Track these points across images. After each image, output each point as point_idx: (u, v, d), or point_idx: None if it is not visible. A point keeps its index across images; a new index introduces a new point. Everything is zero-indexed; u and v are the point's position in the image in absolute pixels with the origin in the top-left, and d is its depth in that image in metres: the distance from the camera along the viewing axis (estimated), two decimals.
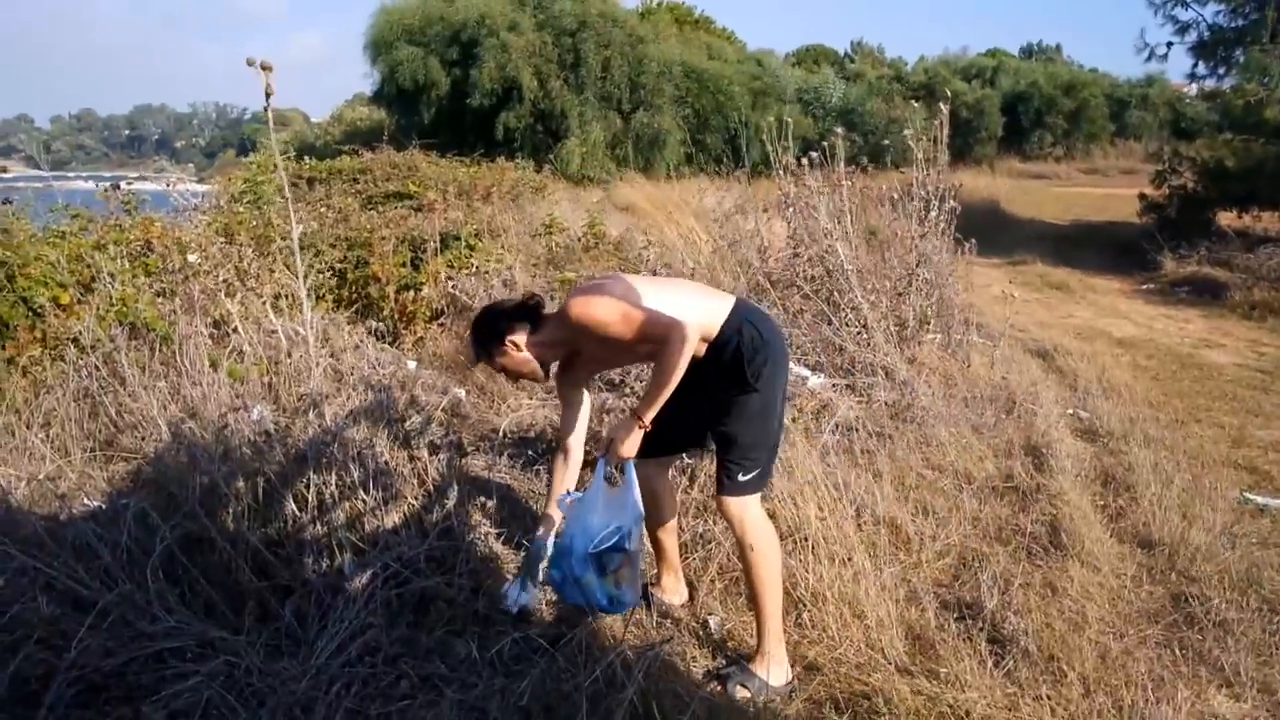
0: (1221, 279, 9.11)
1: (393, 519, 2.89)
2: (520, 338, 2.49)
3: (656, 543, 2.81)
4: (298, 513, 2.86)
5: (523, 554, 2.83)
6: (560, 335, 2.49)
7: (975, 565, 3.07)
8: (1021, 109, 28.50)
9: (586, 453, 2.72)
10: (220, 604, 2.55)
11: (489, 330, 2.51)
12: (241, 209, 6.74)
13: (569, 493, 2.55)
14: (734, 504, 2.41)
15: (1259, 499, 3.79)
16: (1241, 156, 10.92)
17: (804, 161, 5.81)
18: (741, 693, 2.40)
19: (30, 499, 2.97)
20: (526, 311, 2.53)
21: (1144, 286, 9.76)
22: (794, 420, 3.79)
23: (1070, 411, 4.79)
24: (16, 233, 4.66)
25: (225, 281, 4.68)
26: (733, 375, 2.38)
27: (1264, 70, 11.27)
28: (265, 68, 3.20)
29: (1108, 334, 7.24)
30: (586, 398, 2.71)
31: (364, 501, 2.90)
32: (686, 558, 2.98)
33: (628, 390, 4.17)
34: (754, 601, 2.47)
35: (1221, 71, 13.59)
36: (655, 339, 2.27)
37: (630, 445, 2.33)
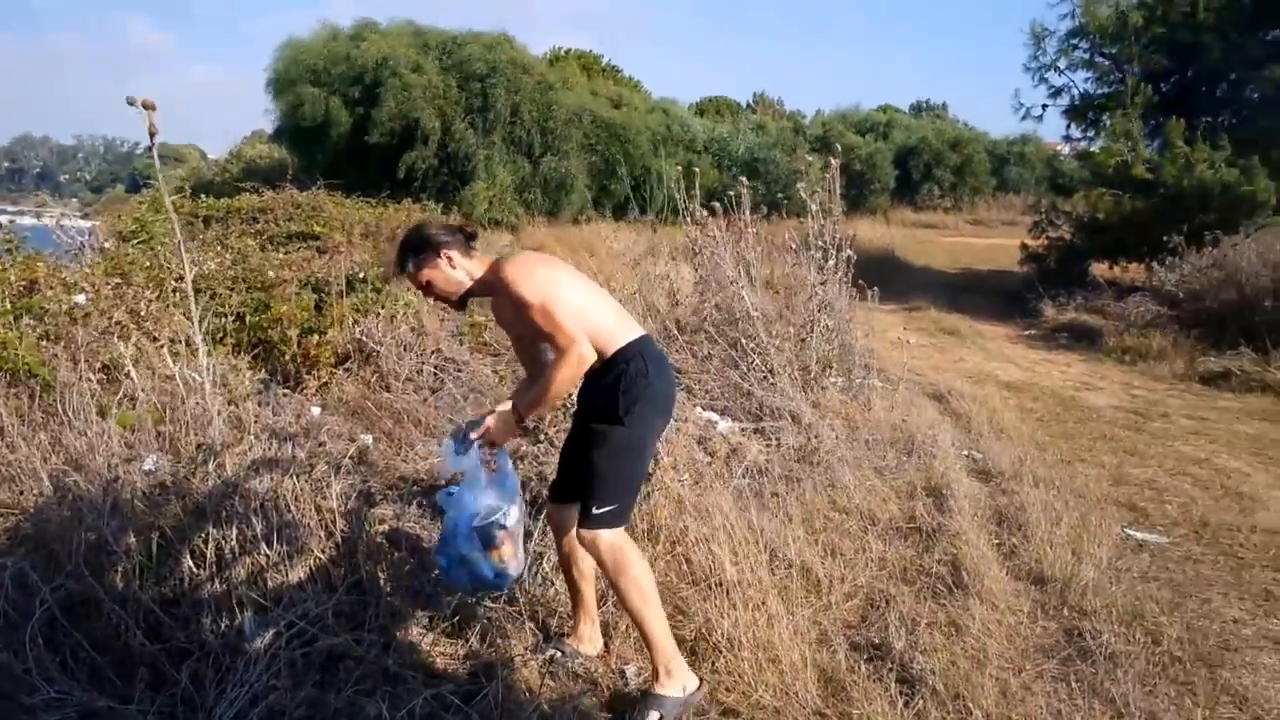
0: (1096, 325, 9.72)
1: (298, 574, 2.77)
2: (455, 255, 2.51)
3: (574, 590, 2.79)
4: (195, 570, 2.72)
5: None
6: (485, 279, 2.53)
7: (883, 606, 3.15)
8: (912, 162, 30.07)
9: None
10: (107, 670, 2.39)
11: (425, 240, 2.51)
12: (132, 249, 6.46)
13: (447, 487, 2.59)
14: (588, 536, 2.46)
15: (1139, 534, 4.03)
16: (1112, 210, 11.74)
17: (709, 210, 5.98)
18: (654, 716, 2.40)
19: None
20: (463, 236, 2.56)
21: (1027, 332, 10.32)
22: (708, 464, 3.84)
23: (965, 453, 5.00)
24: None
25: (118, 323, 4.47)
26: (606, 402, 2.44)
27: (1128, 134, 12.21)
28: (148, 106, 3.07)
29: (996, 377, 7.61)
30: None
31: (267, 556, 2.78)
32: (601, 606, 2.97)
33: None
34: (637, 626, 2.50)
35: (1091, 133, 14.66)
36: (556, 345, 2.37)
37: (504, 433, 2.46)
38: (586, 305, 2.46)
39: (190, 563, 2.73)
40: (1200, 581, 3.62)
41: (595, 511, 2.43)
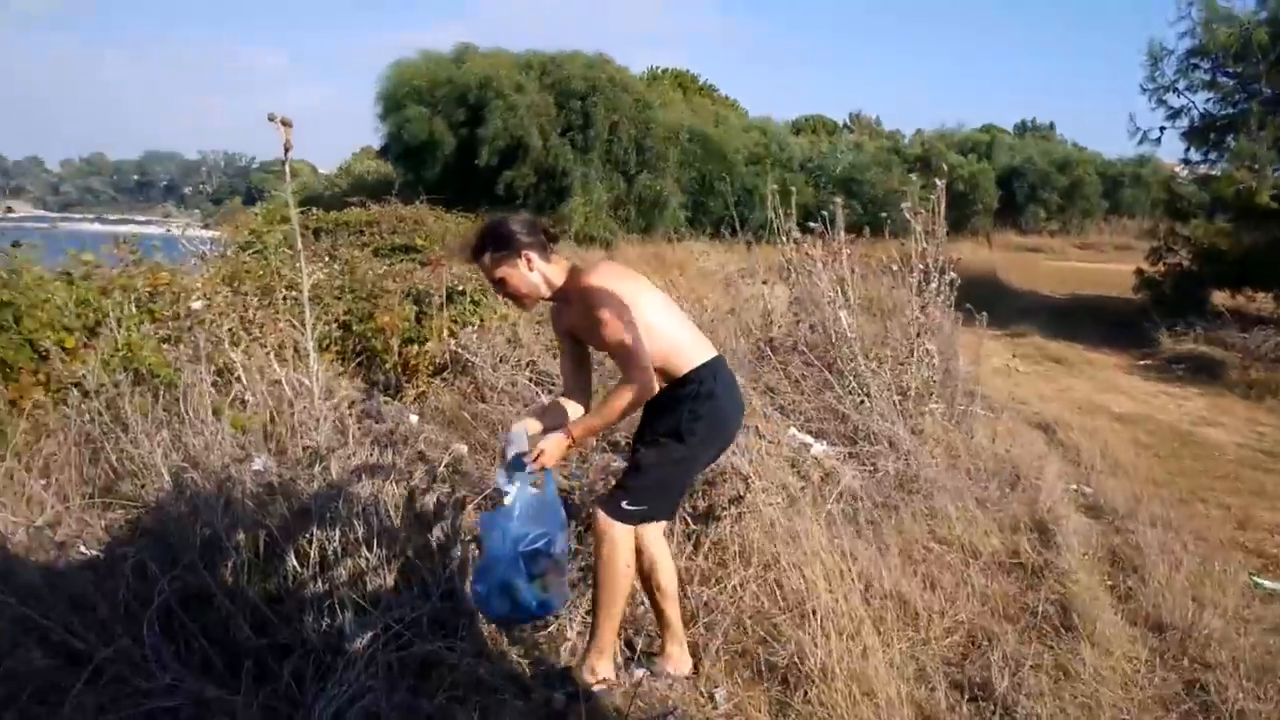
0: (1218, 357, 9.18)
1: (395, 578, 2.83)
2: (535, 257, 2.49)
3: (658, 612, 2.76)
4: (299, 569, 2.81)
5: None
6: (562, 287, 2.52)
7: (985, 644, 3.02)
8: (1017, 183, 29.09)
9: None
10: (217, 662, 2.49)
11: (508, 236, 2.48)
12: (248, 258, 6.78)
13: (489, 514, 2.55)
14: (604, 520, 2.48)
15: (1268, 584, 3.75)
16: (1235, 241, 11.10)
17: (806, 229, 5.89)
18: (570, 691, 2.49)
19: (28, 546, 2.92)
20: (545, 237, 2.54)
21: (1141, 362, 9.82)
22: (801, 489, 3.77)
23: (1074, 487, 4.77)
24: (24, 274, 4.66)
25: (230, 330, 4.68)
26: (672, 417, 2.48)
27: (1253, 157, 11.52)
28: (285, 123, 3.25)
29: (1107, 409, 7.26)
30: (589, 372, 2.75)
31: (366, 559, 2.85)
32: (690, 626, 2.93)
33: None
34: (594, 615, 2.57)
35: (1213, 156, 13.88)
36: (625, 371, 2.37)
37: (555, 456, 2.42)
38: (662, 324, 2.48)
39: (294, 562, 2.82)
40: None
41: (625, 506, 2.49)
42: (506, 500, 2.39)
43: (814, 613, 2.80)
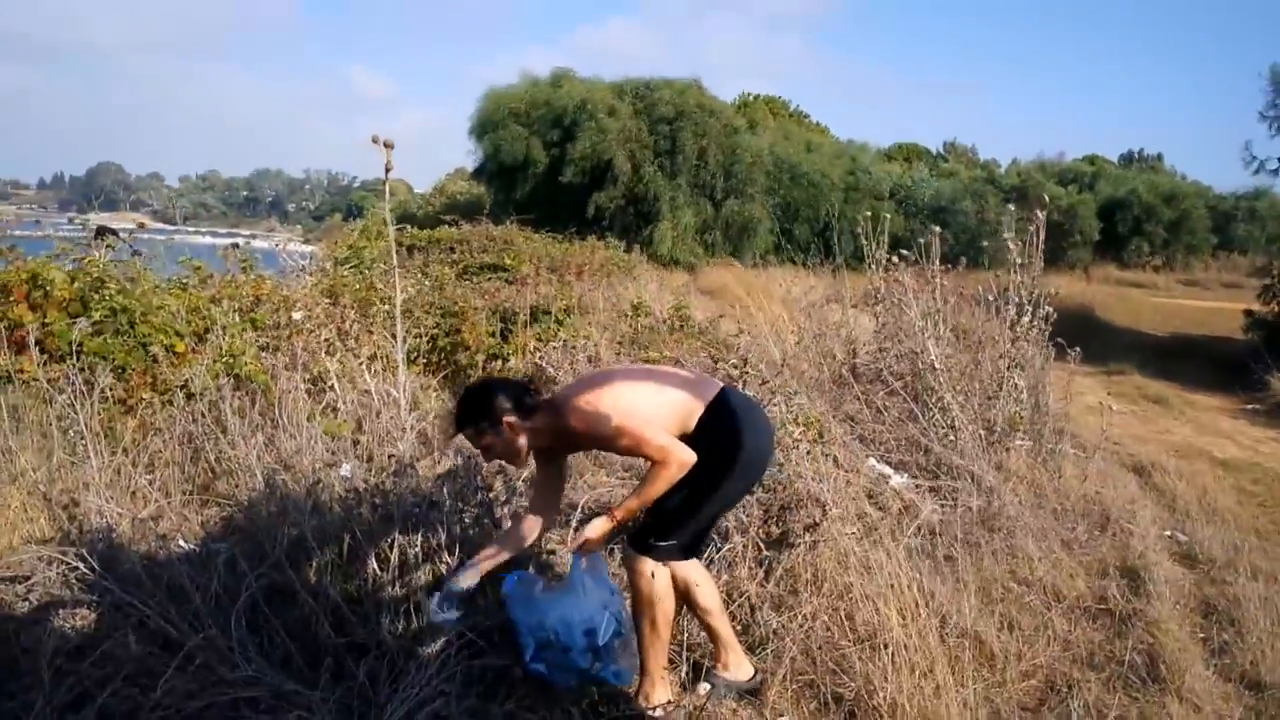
0: None
1: (472, 586, 2.90)
2: (514, 419, 2.49)
3: (707, 629, 2.76)
4: (379, 572, 2.90)
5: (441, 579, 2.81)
6: (551, 427, 2.52)
7: (1064, 690, 2.90)
8: (1119, 216, 27.92)
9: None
10: (298, 657, 2.59)
11: (487, 404, 2.49)
12: (345, 272, 7.06)
13: (519, 574, 2.59)
14: (636, 559, 2.52)
15: None
16: None
17: (897, 258, 5.80)
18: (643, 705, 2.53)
19: (131, 537, 3.09)
20: (524, 395, 2.55)
21: (1249, 406, 9.30)
22: (879, 520, 3.70)
23: (1168, 533, 4.55)
24: (141, 282, 4.96)
25: (326, 340, 4.89)
26: (706, 460, 2.43)
27: None
28: (388, 145, 3.40)
29: (1209, 454, 6.89)
30: (561, 487, 2.80)
31: (445, 565, 2.93)
32: (758, 653, 2.90)
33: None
34: (638, 640, 2.56)
35: None
36: (650, 457, 2.39)
37: (601, 538, 2.48)
38: (656, 401, 2.49)
39: (375, 565, 2.91)
40: None
41: (655, 543, 2.51)
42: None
43: (885, 646, 2.74)
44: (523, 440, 2.52)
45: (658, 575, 2.52)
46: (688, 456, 2.37)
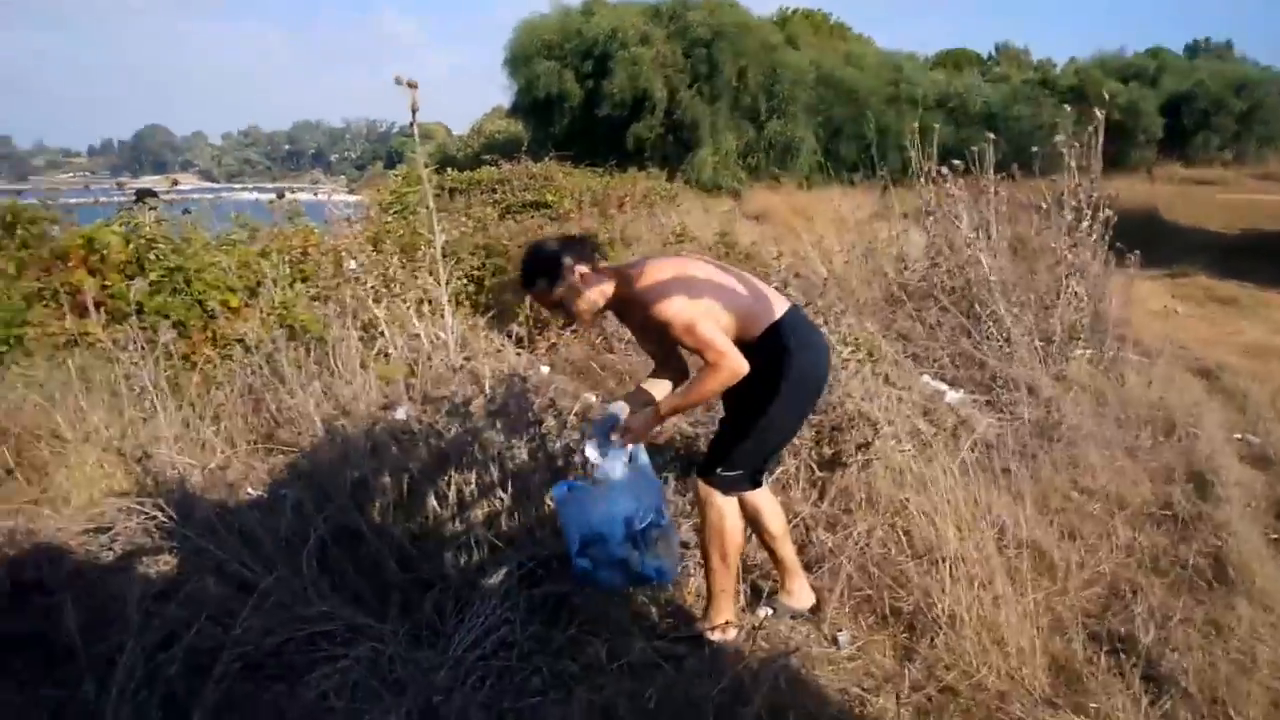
0: None
1: (528, 519, 2.96)
2: (585, 270, 2.42)
3: (772, 554, 2.78)
4: (439, 509, 2.98)
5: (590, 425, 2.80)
6: (617, 294, 2.46)
7: (1128, 596, 2.87)
8: (1185, 110, 26.52)
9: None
10: (367, 593, 2.69)
11: (554, 258, 2.41)
12: (389, 219, 7.11)
13: (568, 483, 2.61)
14: (705, 489, 2.52)
15: None
16: None
17: (946, 169, 5.62)
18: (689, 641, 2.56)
19: (203, 486, 3.22)
20: (593, 251, 2.49)
21: None
22: (933, 435, 3.66)
23: (1239, 436, 4.42)
24: (193, 241, 5.06)
25: (373, 288, 4.95)
26: (756, 383, 2.39)
27: None
28: (411, 85, 3.38)
29: None
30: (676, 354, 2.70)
31: (501, 500, 3.00)
32: (813, 572, 2.93)
33: None
34: (706, 570, 2.60)
35: None
36: (704, 355, 2.33)
37: (644, 431, 2.46)
38: (723, 299, 2.40)
39: (435, 503, 2.99)
40: None
41: (722, 473, 2.50)
42: (598, 474, 2.42)
43: (943, 560, 2.73)
44: (593, 293, 2.44)
45: (727, 506, 2.53)
46: (740, 365, 2.31)
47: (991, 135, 5.85)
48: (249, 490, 3.31)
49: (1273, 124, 27.10)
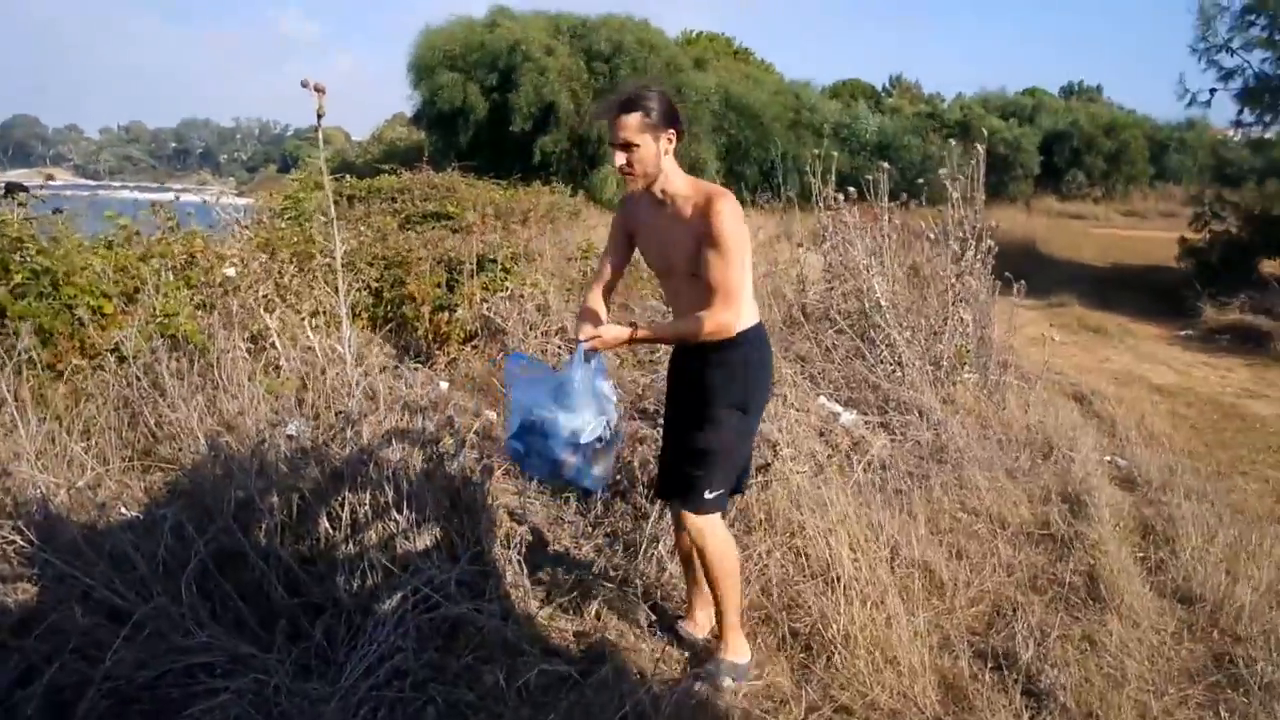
0: (1264, 328, 8.93)
1: (425, 542, 2.87)
2: (675, 143, 2.36)
3: (692, 573, 2.78)
4: (331, 531, 2.86)
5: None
6: (685, 192, 2.36)
7: (1010, 614, 3.01)
8: (1059, 148, 28.33)
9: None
10: (251, 620, 2.55)
11: (673, 112, 2.34)
12: (283, 225, 6.84)
13: (522, 356, 2.57)
14: (695, 520, 2.46)
15: None
16: None
17: (843, 195, 5.81)
18: (728, 684, 2.51)
19: (69, 506, 2.99)
20: (682, 132, 2.39)
21: (1183, 333, 9.61)
22: (828, 457, 3.75)
23: (1108, 459, 4.70)
24: (64, 241, 4.73)
25: (265, 297, 4.74)
26: (728, 386, 2.40)
27: None
28: (318, 89, 3.25)
29: (1146, 380, 7.12)
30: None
31: (396, 522, 2.90)
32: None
33: None
34: (715, 600, 2.57)
35: (1268, 119, 13.39)
36: (719, 301, 2.28)
37: (612, 343, 2.36)
38: (748, 274, 2.39)
39: (327, 524, 2.87)
40: None
41: (708, 496, 2.44)
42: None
43: (838, 580, 2.80)
44: (668, 164, 2.35)
45: (720, 529, 2.51)
46: (737, 323, 2.32)
47: (885, 164, 6.09)
48: (122, 510, 3.10)
49: (1137, 164, 29.23)
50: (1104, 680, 2.62)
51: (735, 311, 2.30)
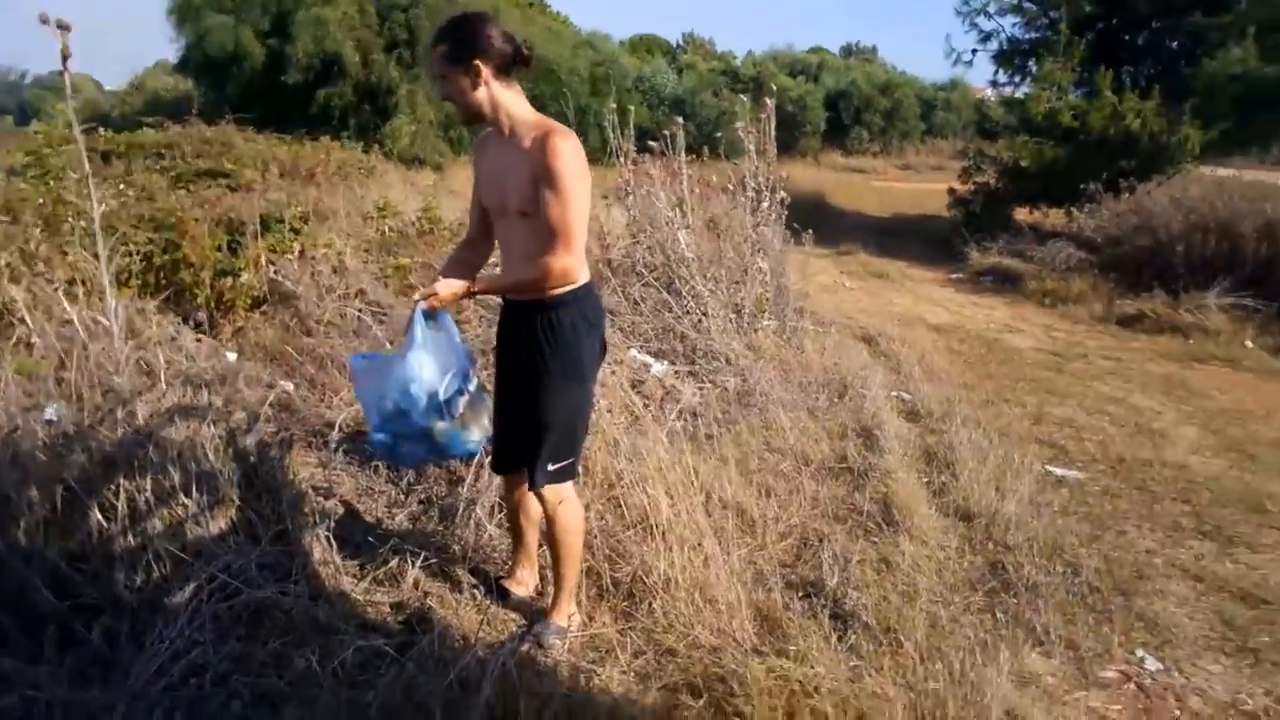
0: (1018, 270, 9.92)
1: (219, 525, 2.65)
2: (487, 72, 2.17)
3: (518, 535, 2.76)
4: (105, 523, 2.57)
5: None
6: (523, 128, 2.22)
7: (816, 544, 3.19)
8: (843, 105, 30.05)
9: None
10: (13, 630, 2.26)
11: (471, 40, 2.16)
12: (25, 184, 6.03)
13: (363, 355, 2.53)
14: (552, 494, 2.43)
15: (1058, 471, 4.17)
16: (1035, 158, 11.96)
17: (646, 149, 5.85)
18: (555, 642, 2.53)
19: None
20: (517, 58, 2.22)
21: (954, 276, 10.50)
22: (644, 407, 3.80)
23: (895, 394, 5.07)
24: None
25: (9, 266, 4.16)
26: (563, 352, 2.30)
27: (1056, 81, 12.39)
28: (62, 26, 2.85)
29: (925, 320, 7.74)
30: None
31: (185, 507, 2.65)
32: (540, 549, 2.92)
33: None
34: (555, 565, 2.57)
35: (1018, 79, 14.81)
36: (557, 244, 2.17)
37: (450, 298, 2.27)
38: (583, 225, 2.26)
39: (99, 516, 2.58)
40: (1116, 515, 3.76)
41: (554, 467, 2.38)
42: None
43: (656, 527, 2.85)
44: (481, 98, 2.20)
45: (572, 497, 2.47)
46: (577, 271, 2.23)
47: (681, 119, 6.19)
48: None
49: (910, 122, 31.59)
50: (899, 596, 2.85)
51: (578, 257, 2.21)
